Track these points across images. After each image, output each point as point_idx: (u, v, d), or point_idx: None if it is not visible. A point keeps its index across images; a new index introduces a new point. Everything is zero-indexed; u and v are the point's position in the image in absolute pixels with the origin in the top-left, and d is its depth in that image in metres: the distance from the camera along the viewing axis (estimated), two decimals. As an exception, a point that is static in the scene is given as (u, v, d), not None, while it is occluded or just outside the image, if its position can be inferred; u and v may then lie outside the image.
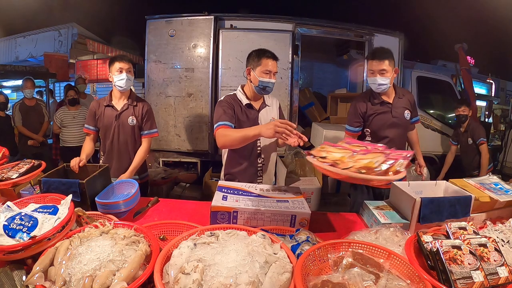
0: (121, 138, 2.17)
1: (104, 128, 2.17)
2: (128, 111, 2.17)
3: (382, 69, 1.92)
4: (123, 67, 2.08)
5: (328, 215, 1.69)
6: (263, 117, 1.90)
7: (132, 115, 2.17)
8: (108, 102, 2.16)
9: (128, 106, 2.16)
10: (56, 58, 7.17)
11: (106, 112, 2.15)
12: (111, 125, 2.15)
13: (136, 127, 2.20)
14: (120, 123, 2.15)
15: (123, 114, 2.16)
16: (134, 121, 2.17)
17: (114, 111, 2.15)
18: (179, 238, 1.03)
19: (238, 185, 1.56)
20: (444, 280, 0.92)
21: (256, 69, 1.80)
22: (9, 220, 1.10)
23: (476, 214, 1.53)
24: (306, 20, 3.81)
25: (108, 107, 2.16)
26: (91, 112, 2.18)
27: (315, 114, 4.55)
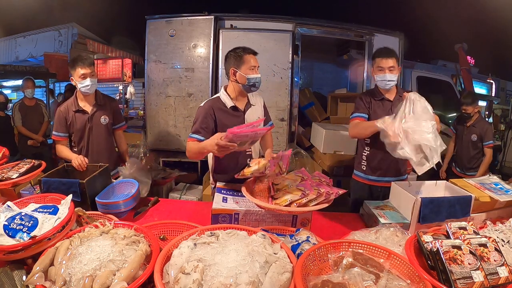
0: (96, 139, 2.20)
1: (77, 132, 2.16)
2: (99, 112, 2.19)
3: (391, 66, 1.97)
4: (86, 73, 2.04)
5: (328, 215, 1.69)
6: (249, 118, 1.85)
7: (104, 114, 2.20)
8: (76, 107, 2.14)
9: (98, 107, 2.18)
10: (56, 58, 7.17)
11: (77, 117, 2.15)
12: (84, 128, 2.16)
13: (109, 124, 2.25)
14: (93, 125, 2.17)
15: (95, 116, 2.18)
16: (106, 119, 2.21)
17: (86, 115, 2.15)
18: (179, 238, 1.03)
19: (237, 186, 1.56)
20: (444, 280, 0.92)
21: (240, 68, 1.75)
22: (9, 220, 1.10)
23: (476, 214, 1.53)
24: (306, 20, 3.80)
25: (78, 112, 2.15)
26: (61, 119, 2.13)
27: (315, 114, 4.55)
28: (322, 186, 1.40)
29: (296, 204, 1.32)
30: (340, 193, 1.38)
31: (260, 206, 1.34)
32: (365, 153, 2.14)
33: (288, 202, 1.32)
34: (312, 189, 1.35)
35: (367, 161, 2.13)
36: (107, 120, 2.21)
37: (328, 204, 1.34)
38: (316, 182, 1.48)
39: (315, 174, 1.59)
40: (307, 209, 1.32)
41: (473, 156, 3.46)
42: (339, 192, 1.37)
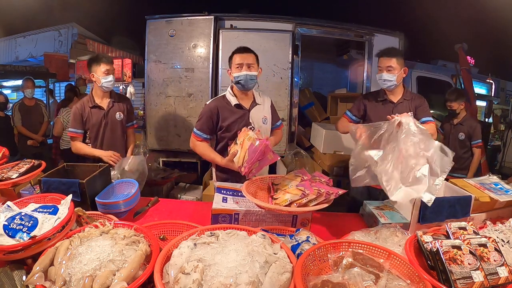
0: (112, 134, 2.28)
1: (93, 128, 2.24)
2: (114, 108, 2.28)
3: (389, 65, 1.97)
4: (110, 69, 2.17)
5: (328, 215, 1.69)
6: (254, 116, 1.89)
7: (119, 111, 2.29)
8: (92, 103, 2.23)
9: (113, 104, 2.28)
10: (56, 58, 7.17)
11: (93, 113, 2.23)
12: (100, 124, 2.24)
13: (124, 121, 2.34)
14: (109, 121, 2.26)
15: (111, 112, 2.27)
16: (121, 116, 2.31)
17: (102, 110, 2.24)
18: (179, 238, 1.03)
19: (236, 185, 1.56)
20: (444, 280, 0.92)
21: (231, 67, 1.85)
22: (9, 220, 1.10)
23: (476, 214, 1.53)
24: (306, 20, 3.80)
25: (95, 108, 2.23)
26: (77, 115, 2.20)
27: (315, 114, 4.55)
28: (322, 186, 1.41)
29: (296, 204, 1.32)
30: (340, 193, 1.38)
31: (260, 206, 1.34)
32: None
33: (288, 202, 1.32)
34: (312, 189, 1.35)
35: None
36: (121, 117, 2.31)
37: (328, 204, 1.34)
38: (316, 182, 1.48)
39: (315, 174, 1.59)
40: (307, 209, 1.32)
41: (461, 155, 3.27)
42: (339, 192, 1.37)
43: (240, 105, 1.87)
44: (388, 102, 2.08)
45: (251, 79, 1.80)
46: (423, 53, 6.49)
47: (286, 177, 1.57)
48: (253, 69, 1.81)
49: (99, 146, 2.24)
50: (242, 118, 1.86)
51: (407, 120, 1.36)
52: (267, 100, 2.01)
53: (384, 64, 1.97)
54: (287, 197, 1.34)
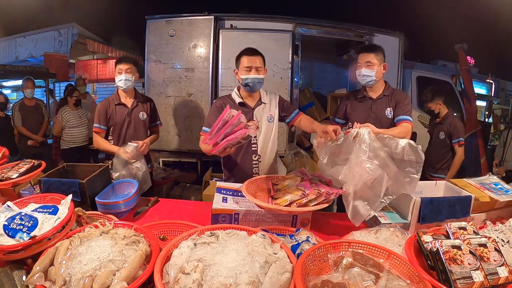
0: (134, 133, 2.31)
1: (116, 126, 2.29)
2: (138, 107, 2.34)
3: (367, 61, 1.93)
4: (122, 68, 2.21)
5: (328, 215, 1.69)
6: (258, 114, 1.91)
7: (142, 110, 2.35)
8: (118, 100, 2.29)
9: (137, 103, 2.34)
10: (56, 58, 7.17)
11: (117, 110, 2.29)
12: (124, 122, 2.29)
13: (147, 121, 2.39)
14: (132, 119, 2.30)
15: (135, 111, 2.32)
16: (144, 116, 2.35)
17: (126, 109, 2.30)
18: (179, 238, 1.03)
19: (236, 185, 1.56)
20: (444, 280, 0.92)
21: (239, 68, 1.86)
22: (9, 220, 1.10)
23: (476, 214, 1.53)
24: (306, 20, 3.80)
25: (119, 105, 2.29)
26: (102, 112, 2.27)
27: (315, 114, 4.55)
28: (322, 186, 1.41)
29: (296, 204, 1.32)
30: (340, 193, 1.38)
31: (260, 206, 1.34)
32: None
33: (288, 202, 1.32)
34: (312, 189, 1.35)
35: None
36: (145, 116, 2.35)
37: (328, 204, 1.34)
38: (316, 182, 1.48)
39: (315, 174, 1.59)
40: (307, 209, 1.32)
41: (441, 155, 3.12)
42: (339, 192, 1.37)
43: (244, 103, 1.90)
44: (367, 98, 2.05)
45: (258, 82, 1.84)
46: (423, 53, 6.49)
47: (286, 177, 1.57)
48: (261, 72, 1.84)
49: (121, 144, 2.26)
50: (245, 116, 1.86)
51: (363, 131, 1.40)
52: (274, 98, 2.00)
53: (363, 60, 1.95)
54: (287, 197, 1.35)
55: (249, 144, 1.91)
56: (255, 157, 1.92)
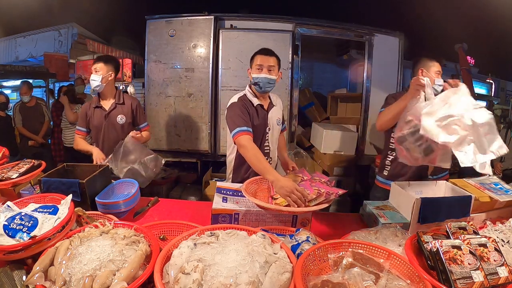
0: (112, 137, 2.22)
1: (94, 129, 2.24)
2: (116, 110, 2.22)
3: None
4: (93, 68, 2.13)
5: (328, 215, 1.69)
6: (271, 117, 1.91)
7: (121, 113, 2.22)
8: (96, 103, 2.21)
9: (115, 105, 2.22)
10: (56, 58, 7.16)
11: (95, 113, 2.21)
12: (101, 126, 2.21)
13: (126, 124, 2.24)
14: (109, 123, 2.21)
15: (112, 114, 2.21)
16: (123, 119, 2.22)
17: (103, 111, 2.21)
18: (179, 238, 1.03)
19: (236, 185, 1.56)
20: (444, 280, 0.92)
21: (252, 67, 1.83)
22: (9, 220, 1.10)
23: (476, 214, 1.53)
24: (306, 20, 3.80)
25: (97, 108, 2.21)
26: (83, 114, 2.23)
27: (315, 114, 4.55)
28: (322, 186, 1.41)
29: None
30: (340, 193, 1.38)
31: (260, 206, 1.34)
32: (389, 158, 2.05)
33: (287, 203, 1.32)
34: (312, 189, 1.35)
35: (390, 166, 2.05)
36: (124, 120, 2.22)
37: (328, 204, 1.34)
38: (316, 182, 1.48)
39: (315, 174, 1.59)
40: (307, 209, 1.32)
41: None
42: (339, 193, 1.37)
43: (262, 105, 1.86)
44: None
45: (269, 82, 1.78)
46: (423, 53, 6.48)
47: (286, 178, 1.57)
48: (273, 73, 1.78)
49: (100, 147, 2.21)
50: (263, 119, 1.85)
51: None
52: (280, 101, 2.02)
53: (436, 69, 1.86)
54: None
55: (263, 147, 1.90)
56: (268, 159, 1.91)
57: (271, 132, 1.91)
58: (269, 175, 1.45)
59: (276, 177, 1.41)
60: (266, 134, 1.89)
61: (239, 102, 1.81)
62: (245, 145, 1.62)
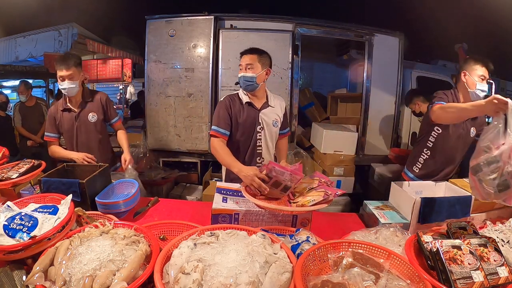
0: (85, 137, 2.15)
1: (66, 132, 2.14)
2: (87, 109, 2.13)
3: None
4: (64, 76, 1.97)
5: (328, 215, 1.69)
6: (264, 117, 1.89)
7: (92, 111, 2.14)
8: (63, 106, 2.11)
9: (85, 104, 2.13)
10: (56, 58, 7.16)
11: (64, 116, 2.12)
12: (72, 128, 2.12)
13: (99, 121, 2.17)
14: (81, 123, 2.12)
15: (82, 113, 2.12)
16: (95, 116, 2.14)
17: (73, 113, 2.12)
18: (179, 238, 1.03)
19: (236, 185, 1.56)
20: (444, 280, 0.92)
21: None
22: (9, 220, 1.10)
23: (476, 214, 1.53)
24: (306, 20, 3.81)
25: (66, 111, 2.12)
26: (51, 119, 2.12)
27: (315, 114, 4.55)
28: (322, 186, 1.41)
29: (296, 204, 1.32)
30: (339, 194, 1.38)
31: (260, 206, 1.34)
32: (424, 156, 2.02)
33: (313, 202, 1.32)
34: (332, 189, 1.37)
35: (423, 164, 2.03)
36: (95, 117, 2.13)
37: (327, 204, 1.34)
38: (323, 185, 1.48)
39: (315, 174, 1.59)
40: (307, 209, 1.32)
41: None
42: (338, 193, 1.37)
43: (251, 103, 1.86)
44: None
45: (246, 80, 1.78)
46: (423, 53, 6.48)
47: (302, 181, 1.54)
48: (250, 71, 1.77)
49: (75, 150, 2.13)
50: (251, 116, 1.85)
51: None
52: (282, 104, 1.98)
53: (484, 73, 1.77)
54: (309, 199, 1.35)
55: (254, 147, 1.90)
56: (259, 159, 1.91)
57: (264, 132, 1.89)
58: (234, 168, 1.58)
59: (240, 168, 1.54)
60: (258, 133, 1.88)
61: (225, 99, 1.87)
62: (215, 147, 1.75)
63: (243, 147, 1.88)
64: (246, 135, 1.86)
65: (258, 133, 1.88)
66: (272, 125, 1.91)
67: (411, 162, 2.10)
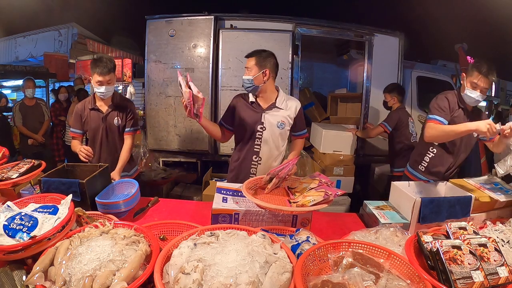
0: (109, 139, 2.19)
1: (91, 131, 2.18)
2: (114, 112, 2.18)
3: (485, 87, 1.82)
4: (103, 81, 2.03)
5: (328, 215, 1.69)
6: (269, 117, 1.88)
7: (118, 116, 2.19)
8: (92, 105, 2.15)
9: (113, 108, 2.18)
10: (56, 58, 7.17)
11: (92, 115, 2.16)
12: (98, 128, 2.16)
13: (122, 126, 2.22)
14: (107, 125, 2.17)
15: (109, 116, 2.17)
16: (119, 121, 2.19)
17: (100, 114, 2.16)
18: (179, 238, 1.03)
19: (236, 185, 1.56)
20: (444, 280, 0.92)
21: None
22: (9, 220, 1.10)
23: (476, 214, 1.53)
24: (306, 20, 3.81)
25: (94, 110, 2.16)
26: (77, 115, 2.17)
27: (315, 114, 4.55)
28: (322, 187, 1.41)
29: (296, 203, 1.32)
30: (339, 194, 1.38)
31: (260, 206, 1.34)
32: (430, 154, 2.02)
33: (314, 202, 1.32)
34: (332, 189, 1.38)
35: (429, 163, 2.02)
36: (119, 122, 2.19)
37: (327, 204, 1.34)
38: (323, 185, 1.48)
39: (315, 174, 1.59)
40: (307, 209, 1.32)
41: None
42: (338, 193, 1.37)
43: (256, 103, 1.91)
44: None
45: (244, 82, 1.86)
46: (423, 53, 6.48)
47: (303, 181, 1.55)
48: (248, 73, 1.84)
49: (97, 150, 2.19)
50: (254, 115, 1.89)
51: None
52: (294, 105, 1.95)
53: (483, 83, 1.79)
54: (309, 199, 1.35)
55: (253, 145, 1.91)
56: (256, 158, 1.92)
57: (266, 132, 1.89)
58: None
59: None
60: (258, 132, 1.89)
61: (235, 98, 1.99)
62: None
63: (243, 143, 1.95)
64: (246, 132, 1.91)
65: (258, 132, 1.89)
66: (276, 126, 1.90)
67: (416, 160, 2.10)
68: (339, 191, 1.38)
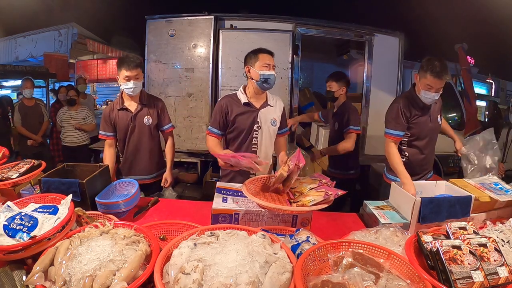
0: (139, 139, 2.17)
1: (120, 131, 2.17)
2: (143, 111, 2.16)
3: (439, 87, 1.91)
4: (130, 76, 2.02)
5: (328, 215, 1.69)
6: (263, 116, 1.91)
7: (147, 114, 2.17)
8: (121, 105, 2.14)
9: (142, 107, 2.16)
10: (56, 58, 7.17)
11: (120, 115, 2.14)
12: (127, 128, 2.14)
13: (153, 125, 2.20)
14: (136, 124, 2.15)
15: (139, 115, 2.15)
16: (150, 120, 2.17)
17: (129, 113, 2.13)
18: (179, 238, 1.03)
19: (236, 185, 1.56)
20: (444, 280, 0.92)
21: (255, 65, 1.84)
22: (9, 220, 1.10)
23: (476, 214, 1.53)
24: (306, 20, 3.81)
25: (122, 110, 2.14)
26: (105, 118, 2.16)
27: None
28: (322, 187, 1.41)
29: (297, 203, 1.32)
30: (339, 194, 1.38)
31: (260, 205, 1.34)
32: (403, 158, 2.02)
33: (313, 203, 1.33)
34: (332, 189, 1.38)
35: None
36: (150, 121, 2.16)
37: (328, 204, 1.34)
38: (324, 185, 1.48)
39: (315, 175, 1.59)
40: (307, 209, 1.32)
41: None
42: (338, 193, 1.37)
43: (250, 103, 1.90)
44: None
45: (271, 79, 1.85)
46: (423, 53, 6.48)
47: (303, 181, 1.55)
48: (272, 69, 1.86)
49: (127, 149, 2.18)
50: (250, 115, 1.89)
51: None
52: (280, 104, 2.01)
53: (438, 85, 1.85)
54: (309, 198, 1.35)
55: (250, 145, 1.91)
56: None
57: (262, 131, 1.91)
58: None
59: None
60: (255, 132, 1.90)
61: (222, 101, 1.94)
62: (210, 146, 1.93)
63: (239, 145, 1.93)
64: (242, 134, 1.91)
65: (255, 131, 1.91)
66: (270, 124, 1.93)
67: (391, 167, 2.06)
68: (339, 191, 1.39)
